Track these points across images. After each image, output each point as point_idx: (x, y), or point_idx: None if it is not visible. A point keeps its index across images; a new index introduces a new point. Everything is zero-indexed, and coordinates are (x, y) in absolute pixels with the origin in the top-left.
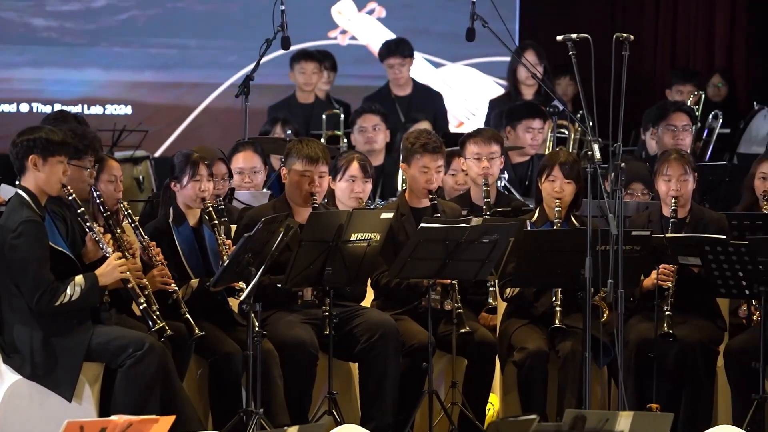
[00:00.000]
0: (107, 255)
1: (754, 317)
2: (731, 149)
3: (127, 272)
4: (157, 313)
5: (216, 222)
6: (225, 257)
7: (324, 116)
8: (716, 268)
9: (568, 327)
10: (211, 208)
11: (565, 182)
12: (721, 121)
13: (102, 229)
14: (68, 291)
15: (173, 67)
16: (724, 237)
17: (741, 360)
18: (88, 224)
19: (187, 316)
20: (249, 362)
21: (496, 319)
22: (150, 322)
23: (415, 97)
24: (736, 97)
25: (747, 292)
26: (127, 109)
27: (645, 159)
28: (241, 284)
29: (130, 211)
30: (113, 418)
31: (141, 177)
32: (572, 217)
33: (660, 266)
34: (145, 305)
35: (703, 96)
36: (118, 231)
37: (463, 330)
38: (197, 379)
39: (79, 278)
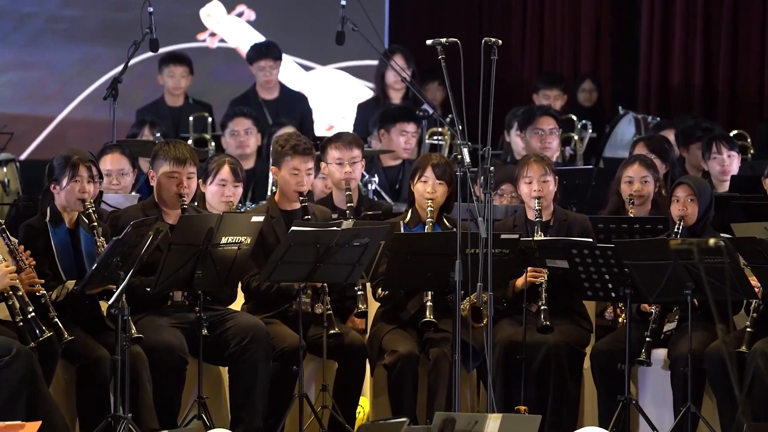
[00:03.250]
0: None
1: (620, 319)
2: (597, 153)
3: (17, 280)
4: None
5: (95, 224)
6: None
7: (191, 119)
8: (583, 271)
9: (438, 329)
10: (91, 211)
11: (438, 183)
12: (590, 131)
13: None
14: None
15: (39, 68)
16: (591, 240)
17: (607, 362)
18: None
19: (56, 320)
20: (117, 366)
21: (364, 323)
22: (38, 332)
23: (282, 100)
24: (602, 102)
25: (613, 294)
26: None
27: (511, 162)
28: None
29: None
30: None
31: (6, 180)
32: (444, 219)
33: (531, 268)
34: (34, 314)
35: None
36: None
37: (333, 331)
38: (64, 383)
39: None
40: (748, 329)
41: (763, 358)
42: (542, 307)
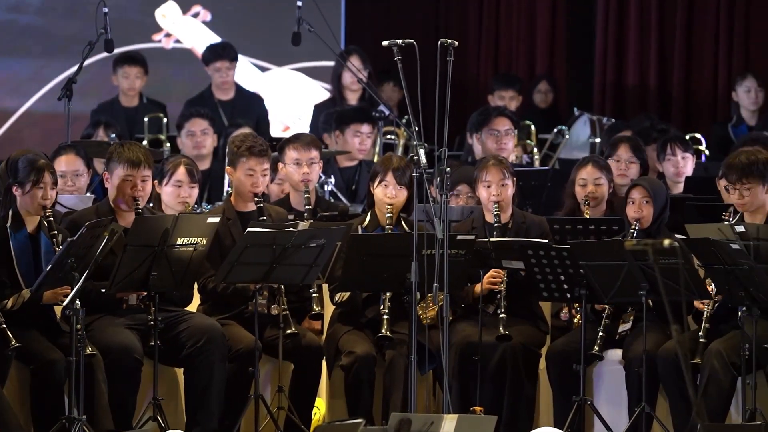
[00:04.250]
0: None
1: (575, 320)
2: (552, 152)
3: None
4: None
5: (55, 231)
6: None
7: (146, 119)
8: (539, 272)
9: (394, 333)
10: (51, 217)
11: (398, 187)
12: (567, 137)
13: None
14: None
15: None
16: (546, 241)
17: (562, 362)
18: None
19: (4, 326)
20: (72, 368)
21: (319, 325)
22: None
23: (238, 101)
24: (557, 104)
25: (568, 295)
26: None
27: (472, 163)
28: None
29: None
30: None
31: None
32: (402, 222)
33: (491, 271)
34: (4, 325)
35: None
36: None
37: (290, 331)
38: (18, 386)
39: None
40: (701, 340)
41: (717, 359)
42: (501, 315)
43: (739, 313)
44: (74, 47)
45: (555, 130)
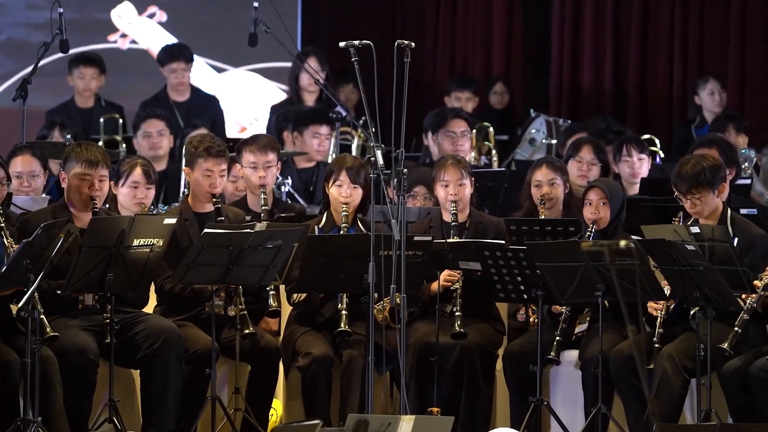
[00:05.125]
0: None
1: (532, 320)
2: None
3: None
4: None
5: (3, 226)
6: None
7: (102, 120)
8: (496, 273)
9: (353, 333)
10: (3, 218)
11: (352, 187)
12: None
13: None
14: None
15: None
16: (503, 242)
17: (519, 363)
18: None
19: None
20: (27, 370)
21: (276, 324)
22: None
23: (194, 102)
24: (513, 105)
25: (525, 296)
26: None
27: (429, 165)
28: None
29: None
30: None
31: None
32: (359, 222)
33: (447, 270)
34: None
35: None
36: None
37: (247, 331)
38: None
39: None
40: (656, 345)
41: (669, 362)
42: (456, 313)
43: (692, 313)
44: (29, 48)
45: (528, 134)
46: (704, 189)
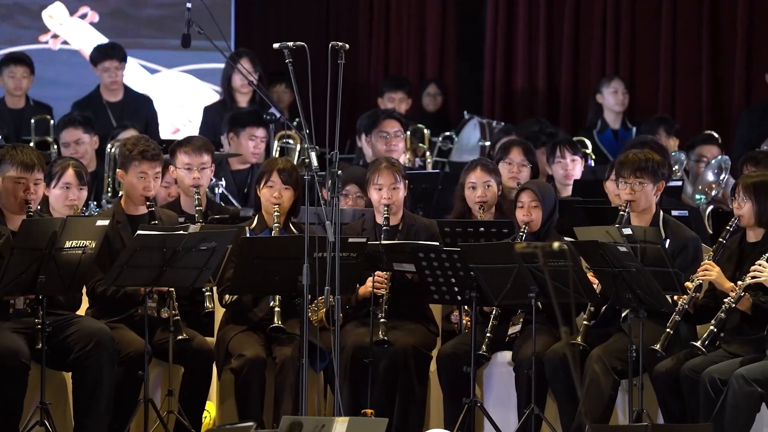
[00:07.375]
0: None
1: (465, 322)
2: (443, 158)
3: None
4: None
5: None
6: None
7: (33, 121)
8: (429, 275)
9: (287, 333)
10: None
11: (284, 188)
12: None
13: None
14: None
15: None
16: (437, 244)
17: (453, 364)
18: None
19: None
20: None
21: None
22: None
23: (127, 102)
24: (447, 107)
25: (459, 297)
26: None
27: (363, 166)
28: None
29: None
30: None
31: None
32: (291, 224)
33: (374, 273)
34: None
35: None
36: None
37: (181, 337)
38: None
39: None
40: (585, 322)
41: (599, 363)
42: (381, 320)
43: (623, 315)
44: None
45: (440, 137)
46: (648, 176)
